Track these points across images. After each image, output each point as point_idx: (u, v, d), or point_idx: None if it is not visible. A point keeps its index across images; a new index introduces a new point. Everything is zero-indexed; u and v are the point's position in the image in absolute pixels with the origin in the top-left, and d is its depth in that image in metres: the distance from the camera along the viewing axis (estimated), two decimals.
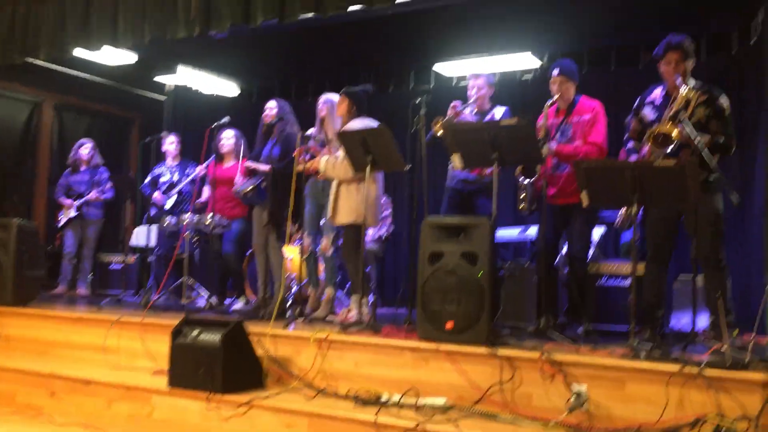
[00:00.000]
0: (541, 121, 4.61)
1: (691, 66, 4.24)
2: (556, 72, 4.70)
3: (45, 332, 5.28)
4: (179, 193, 6.95)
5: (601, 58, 7.25)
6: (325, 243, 5.30)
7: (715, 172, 3.98)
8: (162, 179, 7.08)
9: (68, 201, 7.35)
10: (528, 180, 4.64)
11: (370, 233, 6.63)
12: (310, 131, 5.49)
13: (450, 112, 4.97)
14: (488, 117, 5.12)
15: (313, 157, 5.23)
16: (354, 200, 4.93)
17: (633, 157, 4.40)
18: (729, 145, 4.13)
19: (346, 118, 5.13)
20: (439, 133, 4.83)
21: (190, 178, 6.92)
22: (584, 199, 3.82)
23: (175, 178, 7.06)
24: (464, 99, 5.21)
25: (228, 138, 6.44)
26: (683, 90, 4.06)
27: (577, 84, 4.78)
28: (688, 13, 6.34)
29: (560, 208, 4.66)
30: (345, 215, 4.97)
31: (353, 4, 4.65)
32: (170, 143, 7.19)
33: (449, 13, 6.34)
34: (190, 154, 7.95)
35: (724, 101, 4.16)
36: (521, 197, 4.77)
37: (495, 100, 5.33)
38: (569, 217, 4.68)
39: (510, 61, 7.43)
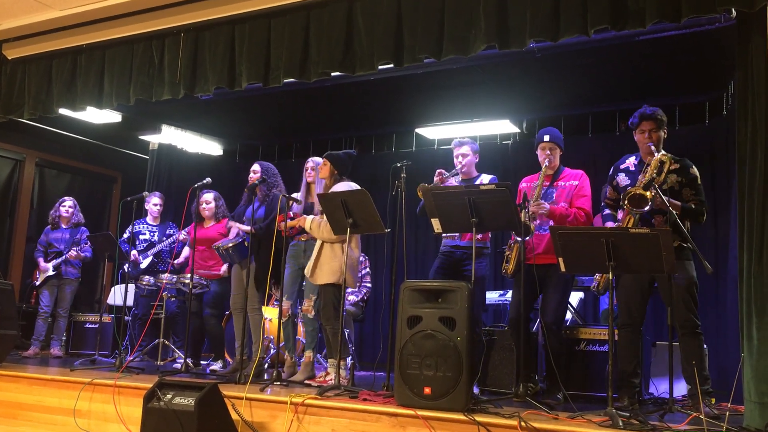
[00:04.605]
0: (534, 182, 4.70)
1: (664, 136, 4.37)
2: (547, 138, 4.77)
3: (15, 394, 5.15)
4: (157, 254, 6.95)
5: (579, 125, 7.41)
6: (307, 305, 5.25)
7: (688, 240, 4.06)
8: (141, 237, 7.07)
9: (44, 265, 7.29)
10: (522, 239, 4.57)
11: (350, 297, 6.61)
12: (296, 194, 5.51)
13: (436, 179, 5.00)
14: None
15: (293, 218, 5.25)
16: (337, 261, 4.96)
17: (609, 224, 4.49)
18: (700, 211, 4.24)
19: (329, 181, 5.19)
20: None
21: (169, 240, 6.93)
22: (561, 265, 3.86)
23: (155, 238, 7.06)
24: (445, 162, 5.28)
25: (207, 202, 6.48)
26: (657, 154, 4.18)
27: (563, 152, 4.88)
28: (663, 84, 6.55)
29: (539, 268, 4.64)
30: (327, 275, 5.00)
31: (336, 71, 4.75)
32: (154, 204, 7.21)
33: (431, 80, 6.50)
34: (171, 212, 7.97)
35: (695, 170, 4.32)
36: (507, 258, 4.76)
37: (477, 164, 5.38)
38: (546, 280, 4.68)
39: (489, 127, 7.59)
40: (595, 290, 4.82)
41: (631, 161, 4.50)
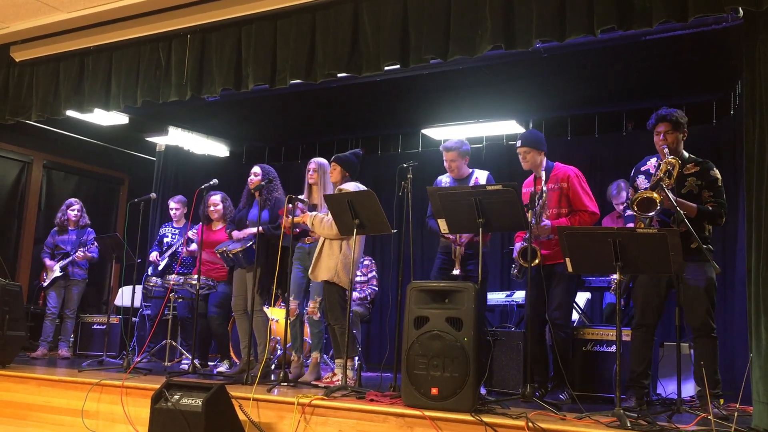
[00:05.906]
0: (531, 188, 4.69)
1: (683, 137, 4.34)
2: (518, 144, 4.79)
3: (24, 395, 5.17)
4: (173, 254, 6.96)
5: (585, 125, 7.37)
6: (312, 306, 5.27)
7: (708, 242, 4.03)
8: (165, 240, 7.12)
9: (51, 263, 7.32)
10: (529, 265, 4.52)
11: (355, 295, 6.61)
12: (300, 196, 5.52)
13: None
14: (471, 182, 5.17)
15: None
16: (334, 259, 4.99)
17: (631, 225, 4.44)
18: (718, 213, 4.20)
19: (340, 183, 5.20)
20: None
21: (181, 242, 6.92)
22: (568, 266, 3.85)
23: (175, 240, 7.08)
24: None
25: (215, 204, 6.50)
26: (668, 157, 4.16)
27: (545, 152, 4.82)
28: (669, 83, 6.53)
29: (545, 269, 4.64)
30: (323, 272, 5.03)
31: (342, 72, 4.76)
32: (172, 207, 7.22)
33: (436, 81, 6.49)
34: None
35: (716, 172, 4.27)
36: (515, 264, 4.79)
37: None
38: (551, 276, 4.66)
39: (495, 128, 7.58)
40: (614, 292, 4.82)
41: (651, 163, 4.46)
